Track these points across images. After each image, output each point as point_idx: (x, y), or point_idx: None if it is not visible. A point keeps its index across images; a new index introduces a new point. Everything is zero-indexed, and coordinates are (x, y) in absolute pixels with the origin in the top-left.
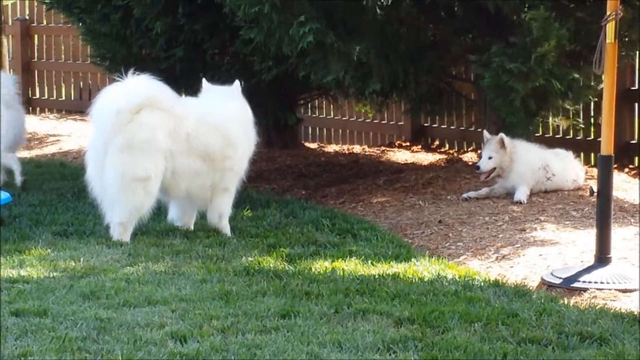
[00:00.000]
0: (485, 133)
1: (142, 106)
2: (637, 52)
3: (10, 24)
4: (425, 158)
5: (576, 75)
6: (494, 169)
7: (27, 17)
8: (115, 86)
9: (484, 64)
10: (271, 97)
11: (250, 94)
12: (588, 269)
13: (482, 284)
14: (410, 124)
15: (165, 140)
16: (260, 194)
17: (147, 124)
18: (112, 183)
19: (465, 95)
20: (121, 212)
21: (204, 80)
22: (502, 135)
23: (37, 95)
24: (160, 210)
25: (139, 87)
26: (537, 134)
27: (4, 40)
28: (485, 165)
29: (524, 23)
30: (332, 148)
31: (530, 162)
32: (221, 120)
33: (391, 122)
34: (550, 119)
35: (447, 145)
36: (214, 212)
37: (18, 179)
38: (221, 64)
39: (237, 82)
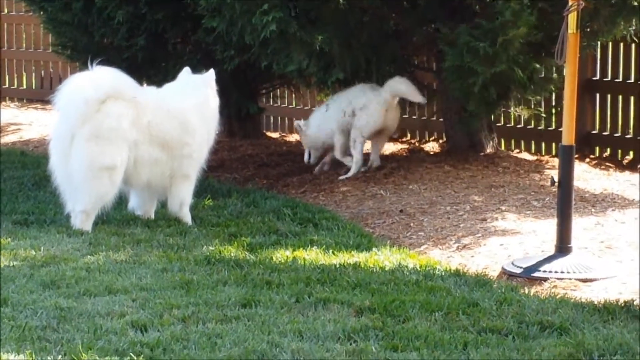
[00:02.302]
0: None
1: (109, 96)
2: (599, 43)
3: None
4: (386, 148)
5: (538, 66)
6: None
7: None
8: (81, 76)
9: (450, 42)
10: (233, 86)
11: None
12: (549, 259)
13: (443, 273)
14: None
15: (130, 130)
16: (221, 183)
17: (113, 113)
18: (78, 171)
19: (427, 85)
20: (85, 201)
21: (185, 68)
22: (296, 123)
23: None
24: (121, 200)
25: (105, 77)
26: (498, 124)
27: None
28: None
29: (489, 9)
30: (294, 137)
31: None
32: (178, 107)
33: None
34: (512, 108)
35: (408, 135)
36: (175, 200)
37: None
38: (183, 53)
39: (211, 71)
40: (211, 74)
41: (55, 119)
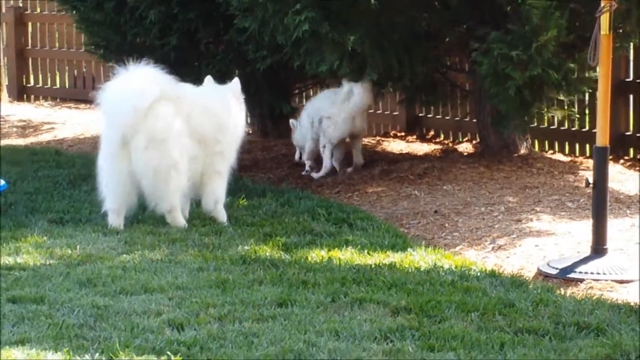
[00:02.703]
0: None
1: (155, 101)
2: (632, 44)
3: (4, 11)
4: (420, 148)
5: (572, 66)
6: None
7: (20, 5)
8: (125, 81)
9: (484, 51)
10: (266, 86)
11: (245, 83)
12: (584, 260)
13: (479, 274)
14: (405, 114)
15: (178, 124)
16: (255, 183)
17: (161, 114)
18: (147, 177)
19: (460, 86)
20: (166, 200)
21: (208, 77)
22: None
23: (32, 83)
24: None
25: (150, 82)
26: (532, 125)
27: None
28: None
29: (519, 12)
30: None
31: None
32: (212, 104)
33: (386, 112)
34: (545, 109)
35: (442, 136)
36: (210, 198)
37: None
38: (215, 53)
39: (236, 79)
40: (236, 82)
41: (103, 125)
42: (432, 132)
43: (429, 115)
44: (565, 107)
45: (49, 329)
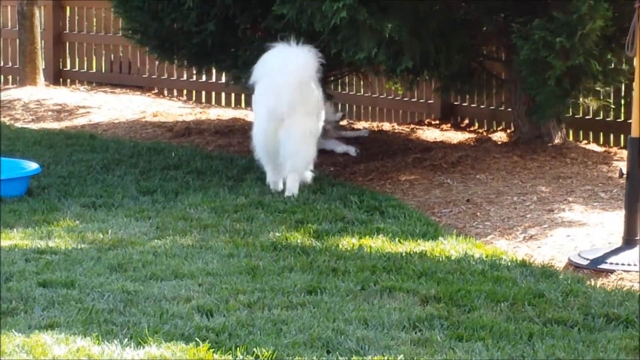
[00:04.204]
0: None
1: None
2: None
3: None
4: (454, 137)
5: (610, 57)
6: None
7: None
8: (287, 58)
9: (525, 36)
10: None
11: None
12: (615, 251)
13: (509, 263)
14: (440, 102)
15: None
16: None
17: (313, 89)
18: (296, 141)
19: (496, 75)
20: (302, 163)
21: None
22: None
23: (68, 67)
24: (188, 184)
25: (310, 60)
26: (566, 115)
27: (36, 12)
28: None
29: (557, 2)
30: (361, 125)
31: None
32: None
33: (421, 100)
34: (581, 99)
35: (476, 124)
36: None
37: None
38: (253, 39)
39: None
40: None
41: (268, 98)
42: (466, 121)
43: (464, 104)
44: (601, 98)
45: (78, 314)
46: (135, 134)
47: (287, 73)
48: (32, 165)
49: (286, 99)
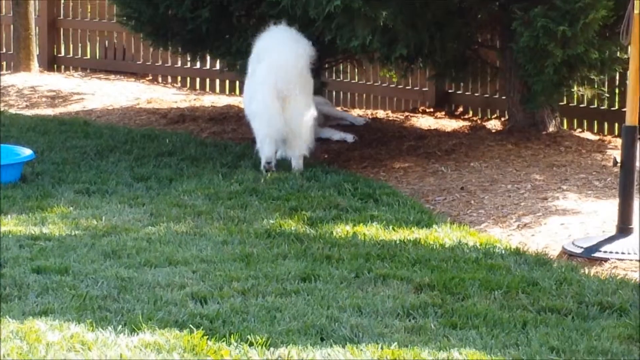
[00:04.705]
0: None
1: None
2: None
3: None
4: (448, 124)
5: (613, 47)
6: None
7: None
8: (292, 38)
9: (526, 22)
10: None
11: None
12: (609, 239)
13: (503, 251)
14: (435, 90)
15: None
16: (282, 156)
17: (309, 74)
18: (300, 125)
19: (491, 63)
20: (308, 145)
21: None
22: None
23: (62, 54)
24: (182, 171)
25: (307, 44)
26: (561, 103)
27: None
28: None
29: None
30: (355, 112)
31: None
32: None
33: (415, 88)
34: (575, 88)
35: (470, 112)
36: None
37: None
38: (247, 27)
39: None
40: None
41: (269, 79)
42: (461, 109)
43: (459, 92)
44: (595, 86)
45: (72, 300)
46: (129, 120)
47: (293, 53)
48: (26, 152)
49: (293, 78)
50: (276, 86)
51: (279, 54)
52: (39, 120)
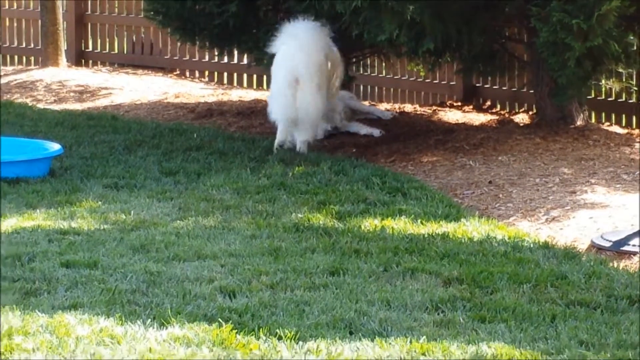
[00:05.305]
0: None
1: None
2: None
3: None
4: (476, 118)
5: (631, 38)
6: None
7: None
8: (304, 34)
9: (543, 18)
10: None
11: None
12: (638, 233)
13: (532, 245)
14: (462, 83)
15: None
16: (310, 151)
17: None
18: (307, 110)
19: (518, 57)
20: (310, 132)
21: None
22: None
23: (90, 48)
24: (210, 166)
25: (323, 36)
26: (589, 97)
27: None
28: None
29: None
30: (383, 106)
31: None
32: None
33: (443, 82)
34: (603, 81)
35: (498, 106)
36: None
37: None
38: (274, 21)
39: None
40: None
41: (284, 70)
42: (488, 103)
43: (486, 86)
44: (623, 80)
45: (101, 294)
46: (157, 115)
47: (303, 41)
48: (55, 146)
49: (305, 65)
50: (289, 73)
51: (294, 42)
52: (67, 115)
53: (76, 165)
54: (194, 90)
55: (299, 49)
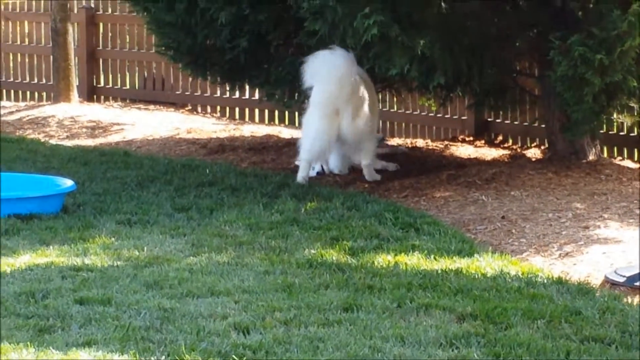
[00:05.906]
0: None
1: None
2: None
3: (75, 11)
4: (488, 153)
5: None
6: None
7: (92, 5)
8: (342, 60)
9: (564, 51)
10: None
11: None
12: None
13: (545, 281)
14: (474, 118)
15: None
16: (323, 186)
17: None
18: (356, 137)
19: (529, 91)
20: (371, 155)
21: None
22: None
23: (102, 84)
24: (222, 201)
25: (352, 59)
26: (601, 131)
27: (69, 28)
28: None
29: (594, 17)
30: (395, 141)
31: None
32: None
33: (454, 117)
34: (615, 115)
35: (510, 141)
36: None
37: None
38: (285, 55)
39: None
40: None
41: (324, 96)
42: (500, 137)
43: (498, 120)
44: (635, 114)
45: (115, 331)
46: (169, 150)
47: (335, 68)
48: (68, 182)
49: (342, 93)
50: (327, 104)
51: (328, 72)
52: (80, 151)
53: (89, 202)
54: (205, 126)
55: (335, 80)
